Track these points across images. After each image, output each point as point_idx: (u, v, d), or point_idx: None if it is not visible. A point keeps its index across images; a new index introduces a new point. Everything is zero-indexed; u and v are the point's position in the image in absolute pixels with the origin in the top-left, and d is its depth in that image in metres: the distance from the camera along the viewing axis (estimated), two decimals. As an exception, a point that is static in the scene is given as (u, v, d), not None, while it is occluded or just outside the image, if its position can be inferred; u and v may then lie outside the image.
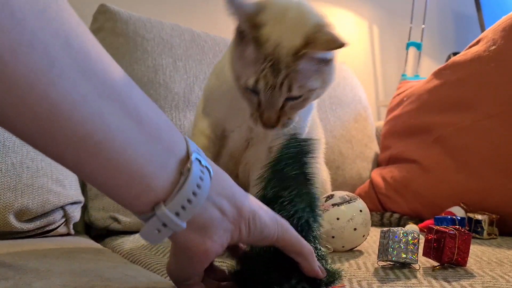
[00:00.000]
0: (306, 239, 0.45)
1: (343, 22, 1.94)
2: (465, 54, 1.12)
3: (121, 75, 0.33)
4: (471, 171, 1.02)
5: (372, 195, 1.31)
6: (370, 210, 0.78)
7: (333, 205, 0.73)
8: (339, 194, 0.75)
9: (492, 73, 1.02)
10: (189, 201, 0.34)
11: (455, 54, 1.77)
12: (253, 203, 0.41)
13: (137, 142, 0.32)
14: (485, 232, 0.87)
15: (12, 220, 0.86)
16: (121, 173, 0.32)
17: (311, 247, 0.45)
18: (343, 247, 0.72)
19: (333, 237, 0.71)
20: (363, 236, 0.73)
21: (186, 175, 0.34)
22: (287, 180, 0.48)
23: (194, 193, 0.35)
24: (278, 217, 0.43)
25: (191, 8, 1.51)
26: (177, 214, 0.34)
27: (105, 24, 1.15)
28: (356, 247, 0.75)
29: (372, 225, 0.80)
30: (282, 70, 0.59)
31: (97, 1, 1.19)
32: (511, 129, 0.96)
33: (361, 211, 0.73)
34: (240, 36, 0.62)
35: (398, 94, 1.45)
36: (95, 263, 0.55)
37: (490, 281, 0.53)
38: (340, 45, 0.58)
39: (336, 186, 1.02)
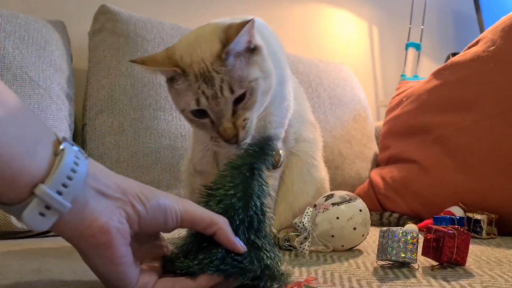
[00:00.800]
0: (240, 236, 0.46)
1: (343, 23, 1.94)
2: (464, 54, 1.12)
3: None
4: (470, 171, 1.02)
5: (372, 195, 1.31)
6: (370, 210, 0.78)
7: (333, 204, 0.73)
8: (339, 193, 0.76)
9: (491, 73, 1.02)
10: (69, 178, 0.34)
11: (454, 54, 1.77)
12: (136, 185, 0.41)
13: (3, 124, 0.32)
14: (484, 232, 0.88)
15: (13, 220, 0.86)
16: None
17: (223, 217, 0.45)
18: (342, 246, 0.73)
19: (332, 236, 0.71)
20: (363, 235, 0.74)
21: (61, 155, 0.35)
22: (233, 177, 0.50)
23: (73, 170, 0.35)
24: (176, 200, 0.43)
25: (191, 9, 1.51)
26: (59, 193, 0.34)
27: (105, 25, 1.15)
28: (355, 246, 0.75)
29: (372, 224, 0.80)
30: (215, 78, 0.61)
31: (97, 2, 1.19)
32: (510, 129, 0.96)
33: (360, 210, 0.73)
34: (170, 81, 0.65)
35: (398, 94, 1.45)
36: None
37: (489, 281, 0.53)
38: (249, 20, 0.60)
39: (335, 186, 1.02)
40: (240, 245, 0.45)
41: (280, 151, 0.74)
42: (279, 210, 0.80)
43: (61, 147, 0.35)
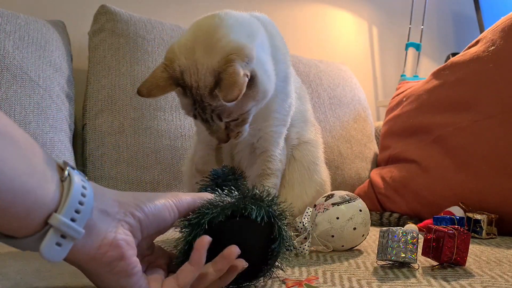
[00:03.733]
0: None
1: (343, 23, 1.95)
2: (464, 54, 1.12)
3: None
4: (470, 171, 1.02)
5: (371, 195, 1.31)
6: (370, 210, 0.78)
7: (333, 204, 0.73)
8: (339, 193, 0.76)
9: (491, 73, 1.02)
10: (80, 203, 0.34)
11: (454, 54, 1.77)
12: (134, 199, 0.42)
13: (13, 159, 0.31)
14: (484, 232, 0.88)
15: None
16: (3, 194, 0.31)
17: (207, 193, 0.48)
18: (342, 246, 0.73)
19: (332, 236, 0.71)
20: (363, 235, 0.74)
21: (68, 181, 0.35)
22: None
23: (83, 195, 0.35)
24: (168, 197, 0.44)
25: (192, 9, 1.51)
26: (72, 220, 0.34)
27: (105, 25, 1.15)
28: (355, 246, 0.75)
29: (372, 224, 0.80)
30: (206, 108, 0.65)
31: (97, 2, 1.19)
32: (510, 129, 0.96)
33: (360, 210, 0.73)
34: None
35: (398, 95, 1.45)
36: (96, 263, 0.55)
37: (489, 281, 0.53)
38: (236, 95, 0.60)
39: (335, 186, 1.02)
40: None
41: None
42: None
43: (66, 173, 0.35)
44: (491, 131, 0.99)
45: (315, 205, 0.76)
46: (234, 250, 0.43)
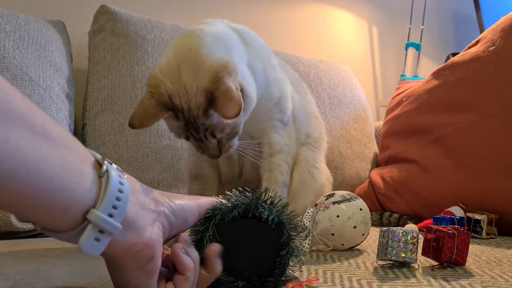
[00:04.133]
0: None
1: (343, 23, 1.95)
2: (464, 54, 1.12)
3: (22, 99, 0.33)
4: (470, 171, 1.02)
5: (371, 195, 1.31)
6: (370, 210, 0.78)
7: (333, 203, 0.73)
8: (340, 193, 0.76)
9: (491, 73, 1.02)
10: (117, 199, 0.35)
11: (454, 54, 1.77)
12: (165, 196, 0.43)
13: (51, 157, 0.32)
14: (484, 232, 0.88)
15: (13, 220, 0.86)
16: (43, 191, 0.31)
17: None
18: (343, 245, 0.73)
19: (333, 234, 0.71)
20: (363, 234, 0.74)
21: (106, 177, 0.35)
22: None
23: (120, 190, 0.35)
24: (191, 199, 0.46)
25: (192, 9, 1.51)
26: (110, 215, 0.34)
27: (105, 25, 1.15)
28: (356, 246, 0.75)
29: (372, 224, 0.80)
30: (200, 127, 0.66)
31: (97, 2, 1.19)
32: (510, 129, 0.96)
33: (361, 209, 0.73)
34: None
35: (398, 95, 1.45)
36: (95, 264, 0.55)
37: (489, 281, 0.53)
38: (237, 111, 0.61)
39: (335, 186, 1.02)
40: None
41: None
42: None
43: (104, 168, 0.36)
44: (491, 131, 0.99)
45: (316, 204, 0.76)
46: (215, 247, 0.44)
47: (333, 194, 0.75)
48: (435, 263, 0.60)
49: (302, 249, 0.68)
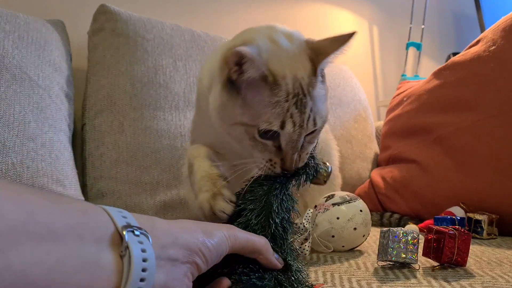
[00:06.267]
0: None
1: (343, 22, 1.94)
2: (464, 54, 1.12)
3: (17, 206, 0.29)
4: (471, 171, 1.02)
5: (372, 195, 1.31)
6: (370, 210, 0.78)
7: (333, 204, 0.73)
8: (340, 194, 0.76)
9: (491, 73, 1.02)
10: (142, 280, 0.33)
11: (454, 54, 1.77)
12: (198, 234, 0.40)
13: (61, 262, 0.30)
14: (484, 232, 0.88)
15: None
16: None
17: (264, 239, 0.46)
18: (343, 246, 0.72)
19: (333, 236, 0.71)
20: (363, 236, 0.73)
21: (128, 257, 0.33)
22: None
23: (143, 269, 0.33)
24: (223, 228, 0.42)
25: (191, 9, 1.51)
26: None
27: (105, 24, 1.15)
28: (356, 247, 0.75)
29: (372, 225, 0.80)
30: (307, 104, 0.54)
31: (97, 1, 1.19)
32: (511, 129, 0.96)
33: (361, 211, 0.73)
34: (230, 84, 0.56)
35: (398, 94, 1.45)
36: None
37: (490, 281, 0.53)
38: (349, 34, 0.55)
39: (335, 186, 1.02)
40: (278, 263, 0.47)
41: (327, 163, 0.64)
42: None
43: (125, 243, 0.33)
44: (492, 131, 0.99)
45: (315, 206, 0.76)
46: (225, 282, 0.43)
47: (332, 196, 0.75)
48: (435, 263, 0.60)
49: (302, 252, 0.68)
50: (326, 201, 0.74)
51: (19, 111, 0.90)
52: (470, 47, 1.13)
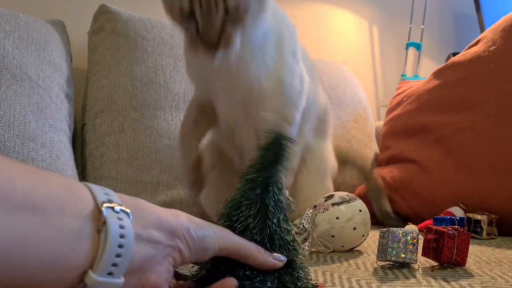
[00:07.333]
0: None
1: (343, 23, 1.94)
2: (464, 54, 1.12)
3: None
4: (471, 171, 1.02)
5: (372, 195, 1.31)
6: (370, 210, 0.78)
7: (333, 204, 0.73)
8: (339, 194, 0.76)
9: (491, 73, 1.02)
10: (118, 255, 0.32)
11: (454, 54, 1.77)
12: (184, 220, 0.39)
13: (37, 230, 0.30)
14: (484, 232, 0.88)
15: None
16: (36, 270, 0.30)
17: (255, 244, 0.45)
18: (342, 246, 0.72)
19: (332, 236, 0.71)
20: (363, 236, 0.73)
21: (105, 231, 0.32)
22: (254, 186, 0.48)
23: (120, 245, 0.33)
24: (215, 227, 0.42)
25: (191, 8, 1.51)
26: (110, 274, 0.32)
27: (105, 24, 1.15)
28: (355, 247, 0.75)
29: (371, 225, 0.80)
30: None
31: (97, 2, 1.19)
32: (511, 129, 0.96)
33: (360, 211, 0.73)
34: None
35: (398, 94, 1.45)
36: None
37: (489, 281, 0.53)
38: None
39: (335, 186, 1.02)
40: (277, 261, 0.45)
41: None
42: None
43: (103, 218, 0.32)
44: (492, 131, 0.99)
45: (315, 206, 0.76)
46: (231, 282, 0.42)
47: (332, 196, 0.75)
48: (435, 263, 0.60)
49: (302, 252, 0.68)
50: (325, 201, 0.74)
51: (19, 111, 0.90)
52: (470, 47, 1.13)
